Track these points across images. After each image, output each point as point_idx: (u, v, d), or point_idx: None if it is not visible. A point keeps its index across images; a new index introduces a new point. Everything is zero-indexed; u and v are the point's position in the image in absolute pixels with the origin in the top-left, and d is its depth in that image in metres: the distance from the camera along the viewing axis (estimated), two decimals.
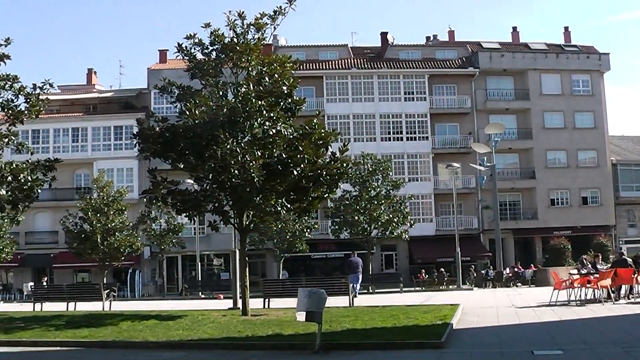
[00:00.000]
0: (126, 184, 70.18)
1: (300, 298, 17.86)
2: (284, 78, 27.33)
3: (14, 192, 26.19)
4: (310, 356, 16.97)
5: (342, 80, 76.83)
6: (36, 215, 72.74)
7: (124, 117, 76.54)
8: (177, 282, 74.50)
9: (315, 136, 26.14)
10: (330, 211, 63.29)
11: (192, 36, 27.59)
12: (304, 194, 26.49)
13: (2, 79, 26.49)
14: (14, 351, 20.37)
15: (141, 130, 27.60)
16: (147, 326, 23.27)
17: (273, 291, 32.44)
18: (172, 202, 27.46)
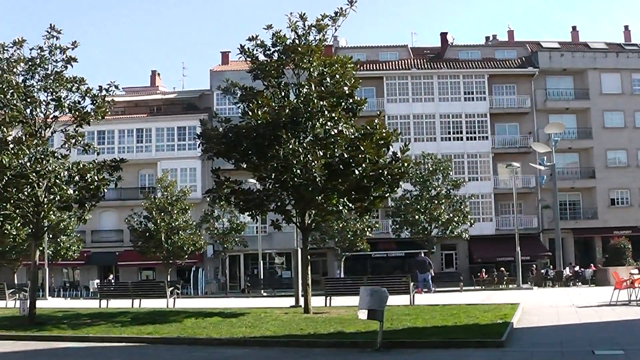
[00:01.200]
0: (189, 184, 70.92)
1: (362, 296, 18.00)
2: (345, 79, 27.47)
3: (81, 192, 26.65)
4: (372, 354, 17.07)
5: (402, 81, 76.69)
6: (102, 215, 73.75)
7: (187, 118, 77.34)
8: (239, 280, 75.00)
9: (376, 136, 26.23)
10: (391, 210, 63.29)
11: (254, 38, 27.84)
12: (365, 193, 26.60)
13: (70, 82, 26.89)
14: (81, 346, 20.79)
15: (204, 130, 27.98)
16: (211, 323, 23.54)
17: (334, 289, 32.56)
18: (235, 202, 27.80)
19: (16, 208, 26.73)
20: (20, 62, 26.81)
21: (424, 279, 43.41)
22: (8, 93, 26.27)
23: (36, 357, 19.15)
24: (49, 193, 26.07)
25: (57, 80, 26.63)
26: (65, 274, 79.93)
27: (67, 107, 26.81)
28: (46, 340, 22.07)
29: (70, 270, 79.61)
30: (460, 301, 30.95)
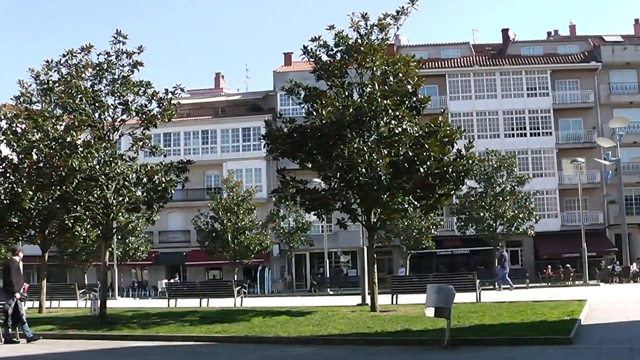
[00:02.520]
0: (255, 184, 71.38)
1: (429, 294, 18.02)
2: (408, 77, 27.45)
3: (149, 193, 27.02)
4: (439, 351, 17.06)
5: (464, 78, 76.36)
6: (169, 215, 74.51)
7: (251, 119, 77.89)
8: (305, 279, 75.28)
9: (440, 134, 26.19)
10: (456, 208, 63.08)
11: (317, 38, 27.94)
12: (430, 191, 26.58)
13: (136, 85, 27.26)
14: (151, 345, 21.11)
15: (269, 131, 28.18)
16: (278, 322, 23.67)
17: (400, 287, 32.59)
18: (301, 201, 27.95)
19: (86, 210, 27.21)
20: (88, 67, 27.29)
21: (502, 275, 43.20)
22: (77, 98, 26.74)
23: (107, 355, 19.47)
24: (118, 195, 26.47)
25: (124, 84, 27.02)
26: (134, 274, 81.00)
27: (134, 111, 27.19)
28: (117, 340, 22.44)
29: (139, 270, 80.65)
30: (526, 298, 30.75)
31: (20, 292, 22.07)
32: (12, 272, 22.06)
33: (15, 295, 21.78)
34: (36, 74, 28.83)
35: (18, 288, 22.00)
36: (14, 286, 21.87)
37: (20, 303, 21.87)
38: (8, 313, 21.73)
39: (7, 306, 21.78)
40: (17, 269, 22.27)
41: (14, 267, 22.23)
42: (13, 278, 21.97)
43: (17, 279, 22.07)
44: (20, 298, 21.92)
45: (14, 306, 21.73)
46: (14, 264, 22.37)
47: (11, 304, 21.73)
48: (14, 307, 21.74)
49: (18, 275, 22.23)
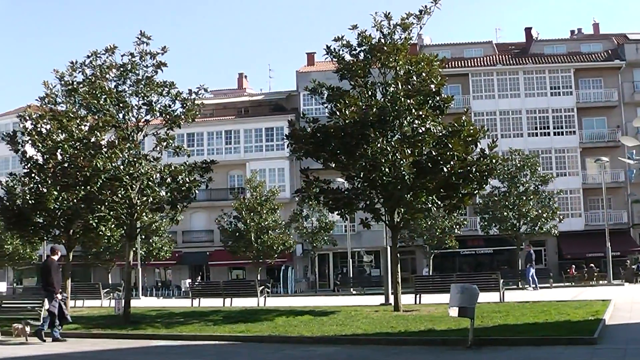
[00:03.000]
0: (278, 184, 71.43)
1: (453, 294, 18.00)
2: (431, 76, 27.43)
3: (173, 193, 27.15)
4: (463, 351, 17.05)
5: (487, 77, 76.16)
6: (193, 215, 74.72)
7: (274, 119, 77.95)
8: (328, 278, 75.29)
9: (464, 133, 26.15)
10: (479, 207, 62.95)
11: (340, 38, 27.96)
12: (454, 190, 26.54)
13: (160, 86, 27.41)
14: (175, 344, 21.24)
15: (293, 131, 28.20)
16: (302, 321, 23.74)
17: (424, 287, 32.56)
18: (324, 201, 27.98)
19: (110, 210, 27.33)
20: (112, 68, 27.46)
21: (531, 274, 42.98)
22: (101, 98, 26.92)
23: (132, 354, 19.55)
24: (142, 195, 26.61)
25: (148, 85, 27.17)
26: (158, 274, 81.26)
27: (158, 111, 27.36)
28: (141, 339, 22.56)
29: (162, 270, 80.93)
30: (550, 298, 30.70)
31: (60, 292, 22.22)
32: (52, 272, 22.20)
33: (57, 295, 21.92)
34: (61, 75, 29.00)
35: (59, 287, 22.14)
36: (55, 286, 22.02)
37: (56, 302, 21.98)
38: (55, 313, 21.88)
39: (53, 307, 21.91)
40: (56, 268, 22.42)
41: (53, 266, 22.36)
42: (54, 278, 22.12)
43: (57, 278, 22.23)
44: (61, 298, 22.04)
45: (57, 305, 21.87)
46: (53, 263, 22.50)
47: (55, 305, 21.87)
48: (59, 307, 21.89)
49: (58, 274, 22.39)
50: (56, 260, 22.79)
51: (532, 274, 42.91)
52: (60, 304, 21.91)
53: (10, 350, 20.54)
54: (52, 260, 22.69)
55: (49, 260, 22.88)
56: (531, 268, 42.50)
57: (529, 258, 43.00)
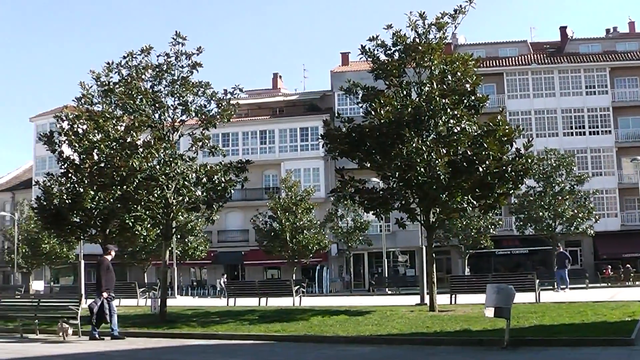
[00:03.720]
0: (313, 184, 71.57)
1: (489, 294, 17.94)
2: (466, 76, 27.32)
3: (209, 193, 27.21)
4: (499, 352, 16.95)
5: (522, 77, 75.92)
6: (228, 215, 75.11)
7: (309, 119, 78.11)
8: (363, 278, 75.35)
9: (499, 133, 26.02)
10: (515, 207, 62.75)
11: (375, 38, 27.91)
12: (489, 190, 26.42)
13: (196, 86, 27.48)
14: (211, 344, 21.25)
15: (328, 131, 28.20)
16: (337, 321, 23.70)
17: (459, 287, 32.47)
18: (359, 201, 27.93)
19: (146, 209, 27.45)
20: (148, 68, 27.56)
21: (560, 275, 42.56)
22: (137, 99, 27.05)
23: (168, 353, 19.63)
24: (178, 195, 26.70)
25: (184, 85, 27.25)
26: (193, 273, 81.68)
27: (194, 111, 27.42)
28: (177, 338, 22.64)
29: (198, 269, 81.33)
30: (586, 298, 30.46)
31: (109, 291, 22.35)
32: (102, 271, 22.41)
33: (103, 294, 22.08)
34: (97, 75, 29.19)
35: (107, 287, 22.29)
36: (102, 285, 22.19)
37: (107, 302, 22.12)
38: (93, 311, 22.07)
39: (94, 304, 22.11)
40: (107, 267, 22.57)
41: (104, 265, 22.56)
42: (103, 277, 22.32)
43: (106, 277, 22.38)
44: (107, 297, 22.20)
45: (100, 305, 22.03)
46: (104, 262, 22.69)
47: (97, 302, 22.05)
48: (100, 306, 22.04)
49: (108, 274, 22.54)
50: (109, 259, 22.97)
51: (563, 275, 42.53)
52: (103, 304, 22.02)
53: (49, 349, 20.76)
54: (104, 259, 22.91)
55: (101, 259, 23.09)
56: (564, 269, 42.07)
57: (562, 259, 42.42)
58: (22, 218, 78.59)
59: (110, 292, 22.57)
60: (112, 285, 22.91)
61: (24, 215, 78.46)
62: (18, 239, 77.27)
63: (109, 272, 22.58)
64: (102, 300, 22.05)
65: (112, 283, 22.83)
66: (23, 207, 79.33)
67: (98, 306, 22.04)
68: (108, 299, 22.20)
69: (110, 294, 22.44)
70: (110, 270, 22.69)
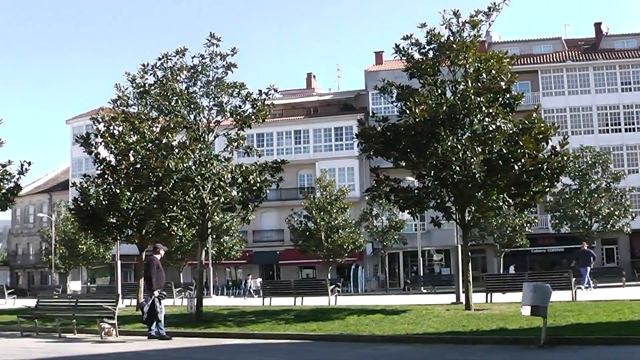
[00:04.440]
0: (347, 183, 71.61)
1: (525, 292, 17.89)
2: (501, 74, 27.19)
3: (244, 193, 27.30)
4: (536, 351, 16.89)
5: (557, 74, 75.43)
6: (263, 215, 75.31)
7: (343, 118, 78.13)
8: (398, 277, 75.28)
9: (535, 130, 25.91)
10: (550, 205, 62.47)
11: (409, 37, 27.89)
12: (525, 188, 26.29)
13: (230, 87, 27.59)
14: (247, 343, 21.35)
15: (363, 130, 28.18)
16: (373, 320, 23.70)
17: (495, 286, 32.36)
18: (395, 200, 27.91)
19: (182, 210, 27.62)
20: (183, 70, 27.74)
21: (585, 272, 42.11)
22: (172, 100, 27.25)
23: (205, 352, 19.74)
24: (214, 195, 26.82)
25: (219, 86, 27.39)
26: (228, 273, 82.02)
27: (229, 112, 27.52)
28: (213, 337, 22.78)
29: (233, 269, 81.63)
30: (623, 297, 30.27)
31: (159, 290, 22.50)
32: (151, 270, 22.55)
33: (154, 292, 22.23)
34: (132, 77, 29.43)
35: (157, 286, 22.44)
36: (153, 284, 22.34)
37: (157, 301, 22.27)
38: (144, 310, 22.26)
39: (144, 303, 22.28)
40: (156, 266, 22.68)
41: (153, 264, 22.67)
42: (152, 275, 22.46)
43: (156, 276, 22.53)
44: (158, 296, 22.34)
45: (150, 304, 22.17)
46: (154, 261, 22.82)
47: (148, 301, 22.22)
48: (151, 305, 22.18)
49: (158, 273, 22.68)
50: (158, 258, 23.11)
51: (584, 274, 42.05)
52: (154, 302, 22.15)
53: (87, 348, 20.97)
54: (153, 258, 23.07)
55: (149, 258, 23.31)
56: (588, 267, 41.51)
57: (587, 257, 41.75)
58: (59, 219, 79.35)
59: (161, 291, 22.72)
60: (163, 283, 23.09)
61: (61, 217, 79.21)
62: (55, 240, 78.05)
63: (159, 271, 22.70)
64: (153, 298, 22.18)
65: (162, 282, 23.01)
66: (60, 209, 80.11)
67: (149, 305, 22.17)
68: (159, 297, 22.35)
69: (161, 292, 22.58)
70: (160, 269, 22.82)
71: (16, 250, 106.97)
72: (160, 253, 23.48)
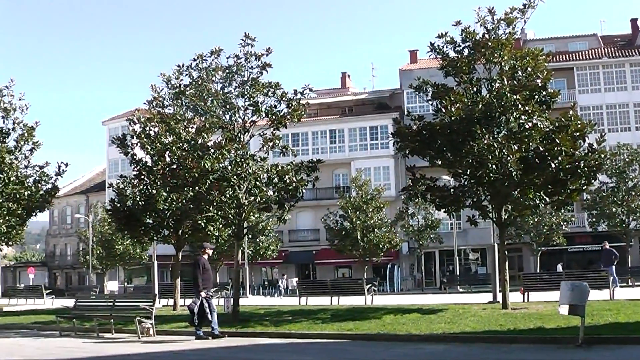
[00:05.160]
0: (383, 182, 71.57)
1: (563, 291, 17.77)
2: (537, 71, 27.04)
3: (280, 193, 27.33)
4: (574, 350, 16.75)
5: (593, 71, 74.87)
6: (298, 214, 75.49)
7: (378, 117, 78.12)
8: (434, 276, 75.17)
9: (571, 128, 25.75)
10: (587, 203, 62.09)
11: (443, 35, 27.81)
12: (562, 186, 26.14)
13: (265, 87, 27.60)
14: (283, 342, 21.36)
15: (398, 129, 28.12)
16: (410, 319, 23.63)
17: (532, 285, 32.21)
18: (431, 198, 27.86)
19: (218, 210, 27.75)
20: (218, 70, 27.78)
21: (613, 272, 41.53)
22: (208, 100, 27.32)
23: (241, 352, 19.78)
24: (250, 195, 26.85)
25: (254, 86, 27.37)
26: (264, 273, 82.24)
27: (264, 112, 27.53)
28: (250, 337, 22.84)
29: (269, 269, 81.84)
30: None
31: (206, 290, 22.53)
32: (198, 270, 22.54)
33: (201, 293, 22.27)
34: (168, 78, 29.60)
35: (204, 286, 22.45)
36: (199, 284, 22.37)
37: (205, 301, 22.27)
38: (194, 311, 22.23)
39: (193, 304, 22.30)
40: (203, 266, 22.64)
41: (200, 264, 22.65)
42: (199, 276, 22.45)
43: (203, 276, 22.53)
44: (206, 296, 22.37)
45: (199, 304, 22.20)
46: (200, 261, 22.81)
47: (197, 302, 22.22)
48: (200, 305, 22.22)
49: (205, 273, 22.64)
50: (205, 258, 23.13)
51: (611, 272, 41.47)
52: (203, 302, 22.19)
53: (125, 348, 21.10)
54: (200, 258, 23.04)
55: (196, 258, 23.31)
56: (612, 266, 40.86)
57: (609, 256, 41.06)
58: (96, 220, 79.97)
59: (209, 291, 22.73)
60: (210, 283, 23.09)
61: (98, 218, 79.83)
62: (92, 240, 78.64)
63: (205, 271, 22.62)
64: (201, 299, 22.19)
65: (209, 282, 22.99)
66: (97, 210, 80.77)
67: (198, 306, 22.19)
68: (207, 297, 22.35)
69: (208, 292, 22.58)
70: (207, 269, 22.73)
71: (54, 251, 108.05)
72: (207, 253, 23.48)
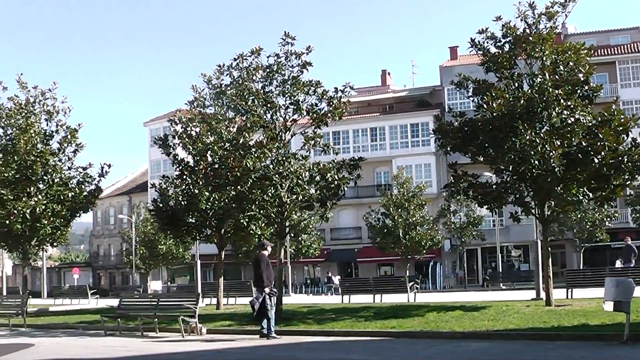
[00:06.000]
0: (424, 179, 71.34)
1: (608, 288, 17.62)
2: (579, 65, 26.82)
3: (322, 191, 27.35)
4: (619, 347, 16.64)
5: (635, 65, 74.11)
6: (340, 212, 75.52)
7: (419, 114, 77.93)
8: (477, 273, 74.87)
9: (614, 122, 25.51)
10: (631, 199, 61.53)
11: (484, 30, 27.67)
12: (605, 182, 25.90)
13: (306, 85, 27.61)
14: (327, 340, 21.44)
15: (440, 126, 28.03)
16: (453, 317, 23.61)
17: (575, 281, 31.98)
18: (473, 195, 27.74)
19: (261, 209, 27.79)
20: (258, 69, 27.88)
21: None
22: (249, 100, 27.40)
23: (285, 350, 19.82)
24: (292, 193, 26.90)
25: (294, 84, 27.41)
26: (306, 271, 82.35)
27: (305, 110, 27.56)
28: (293, 335, 22.92)
29: (311, 267, 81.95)
30: None
31: (270, 287, 22.50)
32: (262, 266, 22.52)
33: (265, 289, 22.27)
34: (208, 78, 29.77)
35: (268, 282, 22.45)
36: (264, 280, 22.35)
37: (268, 298, 22.21)
38: (254, 307, 22.16)
39: (254, 301, 22.24)
40: (266, 263, 22.65)
41: (263, 261, 22.65)
42: (263, 272, 22.43)
43: (267, 273, 22.50)
44: (269, 293, 22.32)
45: (261, 301, 22.14)
46: (263, 258, 22.83)
47: (259, 298, 22.17)
48: (261, 302, 22.20)
49: (268, 269, 22.61)
50: (266, 255, 23.15)
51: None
52: (265, 299, 22.18)
53: (169, 347, 21.26)
54: (262, 254, 23.05)
55: (258, 255, 23.26)
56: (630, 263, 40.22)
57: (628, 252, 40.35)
58: (139, 220, 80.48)
59: (272, 288, 22.73)
60: (273, 280, 22.98)
61: (140, 218, 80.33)
62: (136, 240, 79.20)
63: (268, 268, 22.58)
64: (264, 295, 22.18)
65: (272, 278, 22.87)
66: (140, 210, 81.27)
67: (259, 302, 22.14)
68: (270, 294, 22.33)
69: (272, 289, 22.56)
70: (269, 266, 22.66)
71: (97, 251, 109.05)
72: (268, 249, 23.44)
